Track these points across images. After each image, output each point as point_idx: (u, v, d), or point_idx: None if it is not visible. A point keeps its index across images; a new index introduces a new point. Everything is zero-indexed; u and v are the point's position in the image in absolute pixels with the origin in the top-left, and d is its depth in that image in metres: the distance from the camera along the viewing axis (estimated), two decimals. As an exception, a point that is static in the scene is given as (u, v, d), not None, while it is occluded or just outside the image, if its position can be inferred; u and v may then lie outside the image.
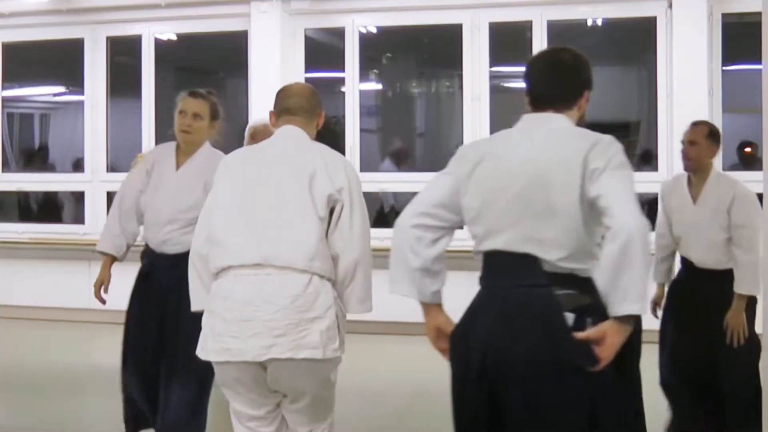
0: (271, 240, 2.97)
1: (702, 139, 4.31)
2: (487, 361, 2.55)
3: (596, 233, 2.54)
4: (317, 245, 2.99)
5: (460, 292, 2.83)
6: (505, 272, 2.59)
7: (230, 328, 2.93)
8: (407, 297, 2.77)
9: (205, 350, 3.01)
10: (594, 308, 2.47)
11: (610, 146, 2.55)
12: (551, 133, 2.63)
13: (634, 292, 2.39)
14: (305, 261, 2.96)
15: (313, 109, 3.30)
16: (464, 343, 2.64)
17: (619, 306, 2.40)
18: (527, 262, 2.54)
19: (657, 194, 4.47)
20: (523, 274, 2.55)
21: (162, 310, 3.98)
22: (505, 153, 2.65)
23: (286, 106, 3.29)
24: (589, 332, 2.45)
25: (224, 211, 3.07)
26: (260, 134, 5.50)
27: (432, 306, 2.77)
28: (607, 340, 2.42)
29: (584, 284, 2.52)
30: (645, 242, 2.39)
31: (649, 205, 7.24)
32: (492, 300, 2.61)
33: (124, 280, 4.20)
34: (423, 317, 2.80)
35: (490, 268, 2.65)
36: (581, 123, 2.76)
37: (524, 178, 2.56)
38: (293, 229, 2.99)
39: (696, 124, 4.44)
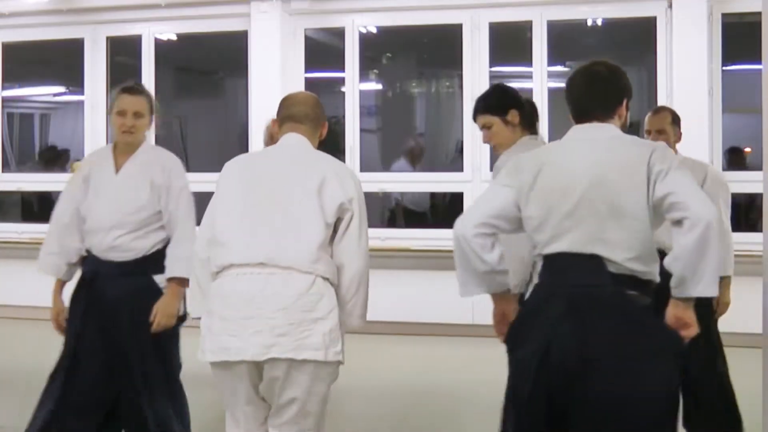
0: (276, 240, 2.96)
1: (668, 126, 4.30)
2: (551, 359, 2.64)
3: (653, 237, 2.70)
4: (322, 249, 2.98)
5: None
6: (570, 272, 2.71)
7: (229, 327, 2.91)
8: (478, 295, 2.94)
9: (203, 351, 2.99)
10: (655, 310, 2.66)
11: (667, 150, 2.77)
12: (610, 141, 2.80)
13: (710, 276, 2.57)
14: (309, 262, 2.94)
15: (317, 118, 3.25)
16: (524, 344, 2.74)
17: (694, 288, 2.58)
18: (593, 263, 2.67)
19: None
20: (588, 274, 2.67)
21: (111, 324, 3.68)
22: (564, 160, 2.81)
23: (290, 113, 3.23)
24: (668, 321, 2.64)
25: (228, 212, 3.06)
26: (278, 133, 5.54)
27: (500, 294, 2.93)
28: (686, 317, 2.63)
29: (645, 286, 2.68)
30: (719, 230, 2.59)
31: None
32: (555, 299, 2.70)
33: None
34: (492, 304, 2.97)
35: (552, 269, 2.76)
36: (624, 129, 2.93)
37: (588, 182, 2.70)
38: (299, 230, 2.97)
39: (658, 112, 4.42)
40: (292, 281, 2.92)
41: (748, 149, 7.71)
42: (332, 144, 6.02)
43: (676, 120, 4.33)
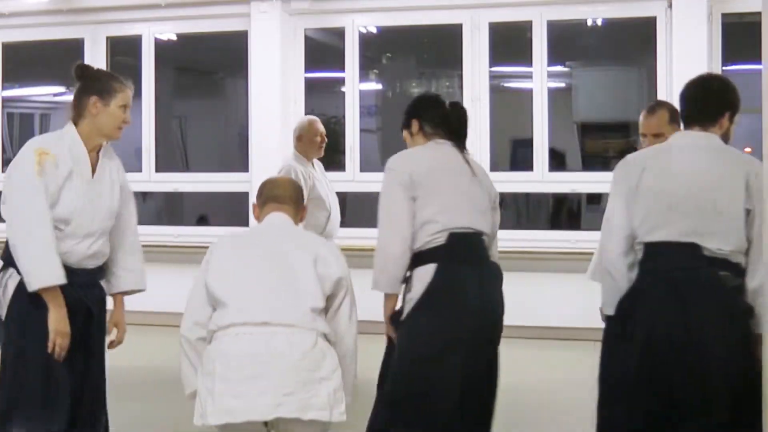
0: (275, 298, 2.95)
1: (666, 126, 4.08)
2: (654, 339, 3.01)
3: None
4: (321, 310, 2.99)
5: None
6: (669, 257, 3.06)
7: (233, 388, 2.84)
8: None
9: (204, 416, 2.90)
10: (743, 287, 3.03)
11: (761, 168, 3.01)
12: (713, 150, 3.17)
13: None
14: (311, 321, 2.94)
15: (300, 200, 3.28)
16: (629, 324, 3.09)
17: None
18: (689, 248, 3.02)
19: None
20: (685, 258, 3.03)
21: (86, 337, 3.39)
22: (669, 162, 3.18)
23: (273, 194, 3.24)
24: None
25: (224, 277, 3.02)
26: (306, 134, 5.61)
27: None
28: None
29: (736, 268, 3.03)
30: None
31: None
32: (657, 283, 3.05)
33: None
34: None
35: (653, 255, 3.09)
36: (726, 140, 3.28)
37: (693, 183, 3.08)
38: (297, 289, 2.97)
39: (653, 112, 4.17)
40: (295, 339, 2.89)
41: (748, 149, 7.70)
42: (332, 144, 6.02)
43: (674, 117, 4.05)
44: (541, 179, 7.36)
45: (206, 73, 9.76)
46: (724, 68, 7.07)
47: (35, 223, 3.21)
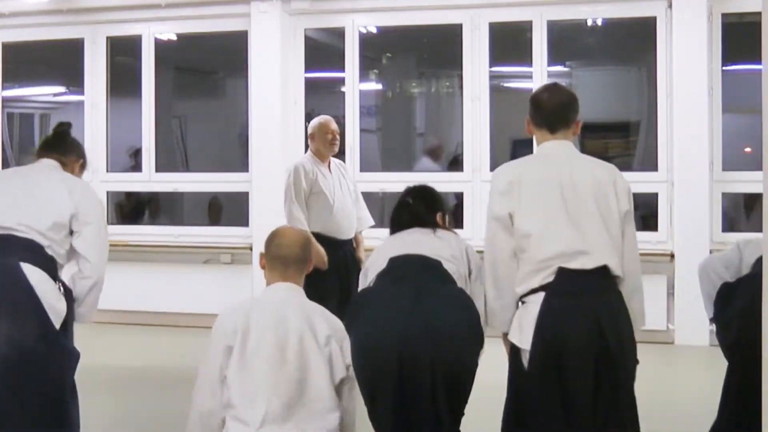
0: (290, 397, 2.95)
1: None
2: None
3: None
4: (333, 398, 3.01)
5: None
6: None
7: None
8: None
9: None
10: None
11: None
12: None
13: None
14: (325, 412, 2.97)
15: (306, 259, 3.22)
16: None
17: None
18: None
19: (657, 194, 4.46)
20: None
21: None
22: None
23: (281, 254, 3.16)
24: None
25: (236, 372, 2.99)
26: (317, 132, 5.66)
27: None
28: None
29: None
30: None
31: (648, 205, 7.26)
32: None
33: (127, 280, 4.17)
34: None
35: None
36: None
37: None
38: (309, 388, 2.97)
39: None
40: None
41: (748, 149, 7.70)
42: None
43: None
44: (541, 179, 7.35)
45: (206, 73, 9.75)
46: (724, 68, 7.07)
47: None
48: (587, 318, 3.00)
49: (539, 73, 7.33)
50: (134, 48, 8.15)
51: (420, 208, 3.59)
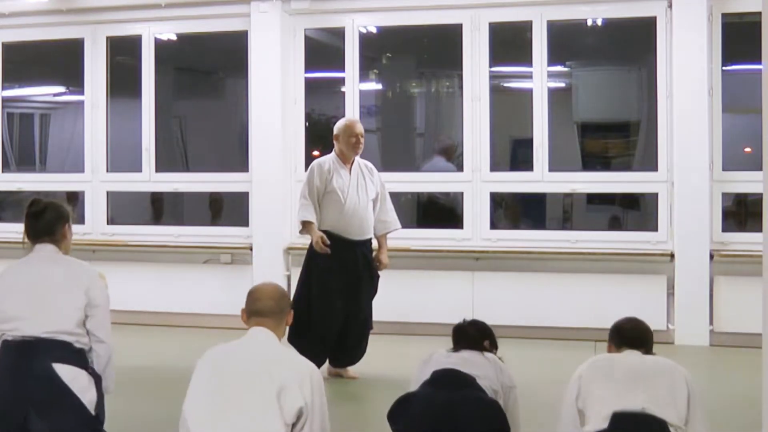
0: None
1: None
2: None
3: None
4: None
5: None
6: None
7: None
8: None
9: None
10: None
11: None
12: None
13: None
14: None
15: (282, 311, 3.35)
16: None
17: None
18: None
19: (657, 194, 4.44)
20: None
21: None
22: None
23: (257, 308, 3.32)
24: None
25: (195, 407, 3.10)
26: (342, 134, 5.69)
27: None
28: None
29: None
30: None
31: (648, 205, 7.26)
32: None
33: (128, 280, 4.17)
34: None
35: None
36: None
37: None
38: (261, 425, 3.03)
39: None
40: None
41: (748, 149, 7.71)
42: (332, 144, 6.01)
43: None
44: (541, 179, 7.37)
45: (206, 73, 9.74)
46: (724, 68, 7.08)
47: None
48: None
49: (539, 73, 7.33)
50: (134, 48, 8.15)
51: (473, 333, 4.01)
